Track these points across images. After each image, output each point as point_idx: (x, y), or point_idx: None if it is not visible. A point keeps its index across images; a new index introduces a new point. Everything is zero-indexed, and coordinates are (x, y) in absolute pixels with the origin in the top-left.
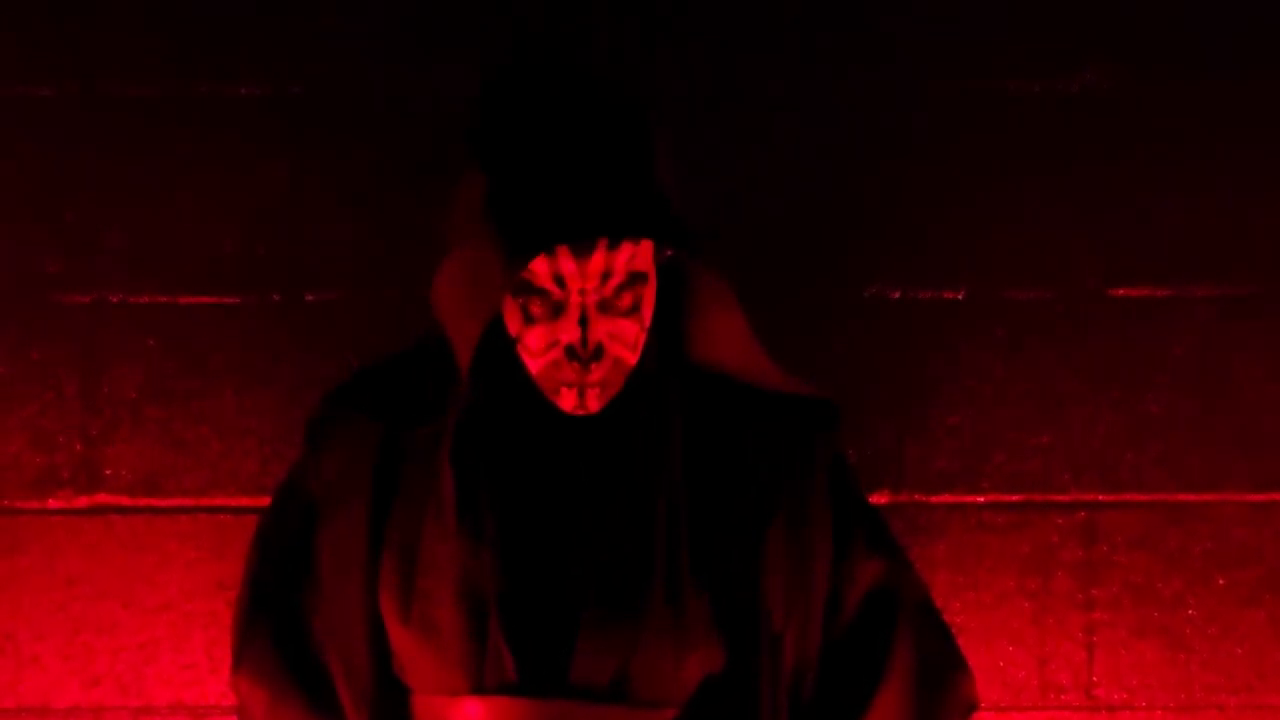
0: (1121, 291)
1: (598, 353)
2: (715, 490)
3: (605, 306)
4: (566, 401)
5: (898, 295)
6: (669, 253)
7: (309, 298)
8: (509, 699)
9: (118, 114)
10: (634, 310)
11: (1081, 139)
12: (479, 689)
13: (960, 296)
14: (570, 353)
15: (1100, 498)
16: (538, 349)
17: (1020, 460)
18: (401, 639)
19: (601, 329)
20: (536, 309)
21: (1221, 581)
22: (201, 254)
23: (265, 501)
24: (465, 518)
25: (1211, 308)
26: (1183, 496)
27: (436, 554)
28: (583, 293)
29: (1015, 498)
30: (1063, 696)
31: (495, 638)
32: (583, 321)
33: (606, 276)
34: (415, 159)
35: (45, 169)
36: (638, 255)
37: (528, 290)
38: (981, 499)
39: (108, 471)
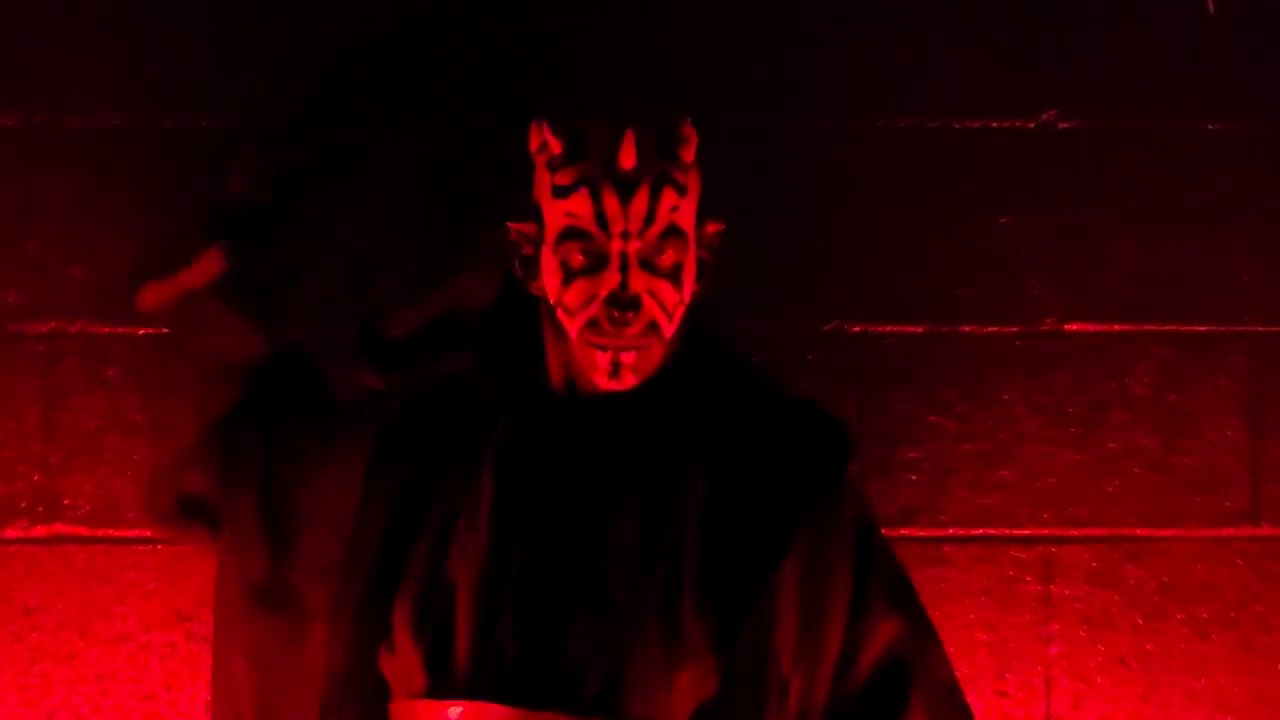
0: (1079, 328)
1: (635, 303)
2: (731, 516)
3: (646, 262)
4: (601, 373)
5: (859, 330)
6: (710, 229)
7: None
8: (498, 706)
9: (81, 144)
10: (674, 273)
11: (1040, 177)
12: (472, 692)
13: (921, 332)
14: (609, 302)
15: (1059, 532)
16: (576, 305)
17: (980, 495)
18: (405, 641)
19: (641, 282)
20: (577, 259)
21: (1179, 616)
22: None
23: None
24: (496, 528)
25: (1169, 345)
26: (1140, 531)
27: (458, 562)
28: (625, 236)
29: (975, 532)
30: None
31: (507, 645)
32: (623, 268)
33: (649, 221)
34: (379, 194)
35: (7, 198)
36: (681, 208)
37: (570, 236)
38: (941, 533)
39: (66, 502)
